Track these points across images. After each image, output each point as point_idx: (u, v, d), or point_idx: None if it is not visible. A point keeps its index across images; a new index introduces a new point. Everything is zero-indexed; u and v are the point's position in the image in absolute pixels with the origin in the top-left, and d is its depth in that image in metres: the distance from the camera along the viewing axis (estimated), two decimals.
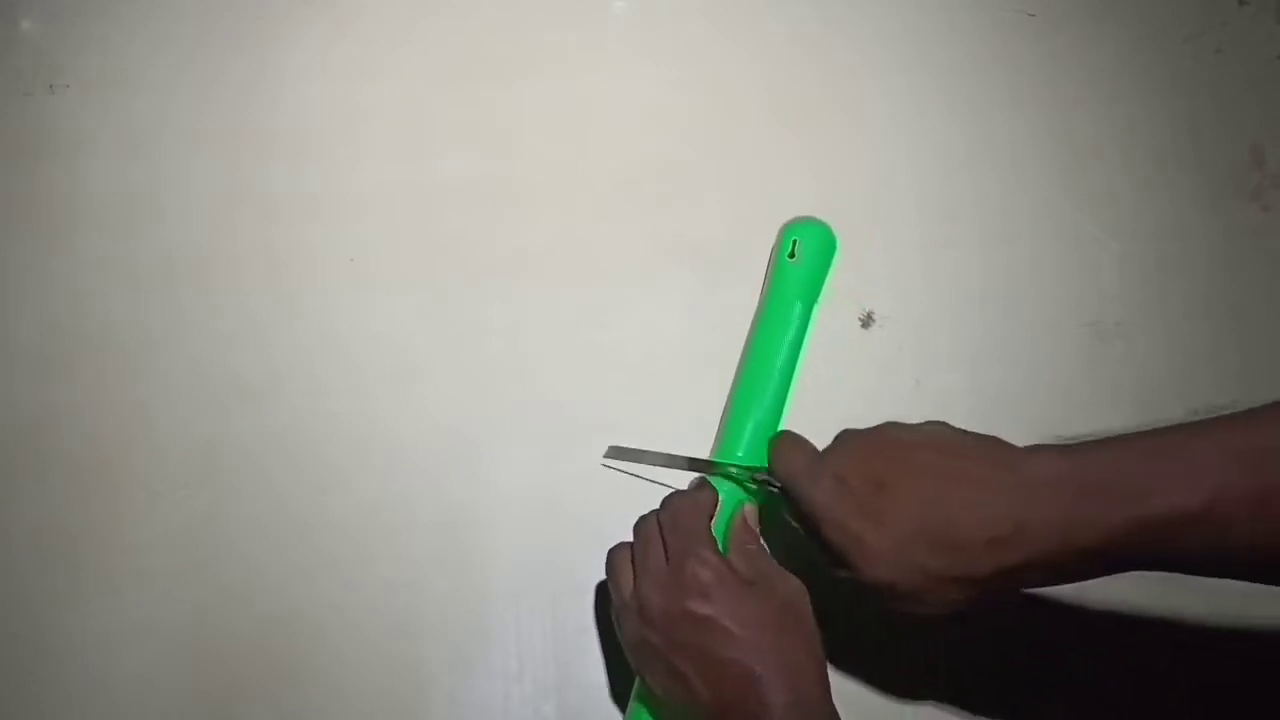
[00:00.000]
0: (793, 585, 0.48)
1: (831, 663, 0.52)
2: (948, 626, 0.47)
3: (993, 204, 0.62)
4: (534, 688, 0.54)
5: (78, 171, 0.62)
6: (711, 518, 0.50)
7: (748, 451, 0.55)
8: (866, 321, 0.60)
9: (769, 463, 0.51)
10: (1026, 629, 0.54)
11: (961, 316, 0.60)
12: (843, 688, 0.53)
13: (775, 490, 0.51)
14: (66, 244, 0.61)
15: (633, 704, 0.50)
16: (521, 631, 0.54)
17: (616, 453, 0.57)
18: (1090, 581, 0.45)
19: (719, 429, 0.57)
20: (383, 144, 0.63)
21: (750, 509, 0.53)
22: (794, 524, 0.50)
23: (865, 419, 0.52)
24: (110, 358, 0.59)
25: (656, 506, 0.51)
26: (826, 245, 0.60)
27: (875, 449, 0.47)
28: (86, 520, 0.56)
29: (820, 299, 0.59)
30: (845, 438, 0.49)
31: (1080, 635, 0.54)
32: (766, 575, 0.48)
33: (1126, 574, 0.43)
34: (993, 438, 0.46)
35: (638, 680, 0.50)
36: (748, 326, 0.59)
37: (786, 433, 0.51)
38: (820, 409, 0.56)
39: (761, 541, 0.51)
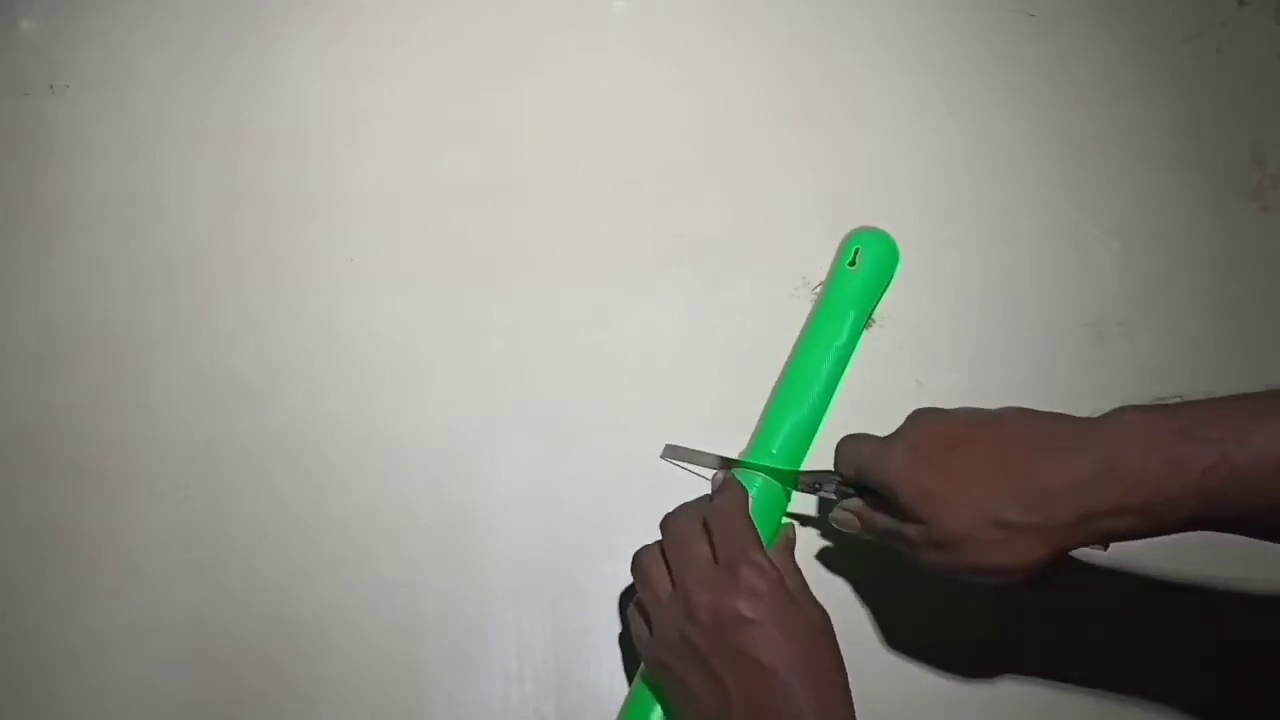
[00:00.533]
0: (822, 611, 0.48)
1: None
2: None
3: (993, 204, 0.62)
4: (534, 688, 0.53)
5: (77, 171, 0.62)
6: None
7: (781, 450, 0.55)
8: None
9: (835, 461, 0.51)
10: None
11: (961, 316, 0.60)
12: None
13: (831, 495, 0.51)
14: (65, 244, 0.61)
15: (639, 687, 0.50)
16: (521, 631, 0.54)
17: (673, 451, 0.57)
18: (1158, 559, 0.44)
19: (756, 426, 0.57)
20: (383, 144, 0.63)
21: (792, 532, 0.53)
22: (846, 530, 0.51)
23: (865, 419, 0.52)
24: (110, 358, 0.59)
25: (671, 508, 0.51)
26: (888, 257, 0.60)
27: (949, 419, 0.47)
28: (86, 520, 0.56)
29: (876, 309, 0.59)
30: (916, 414, 0.49)
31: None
32: (804, 593, 0.48)
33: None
34: (1071, 415, 0.45)
35: (644, 676, 0.49)
36: (748, 326, 0.59)
37: (853, 433, 0.51)
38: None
39: (796, 564, 0.51)
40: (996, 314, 0.60)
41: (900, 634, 0.54)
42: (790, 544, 0.52)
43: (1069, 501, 0.42)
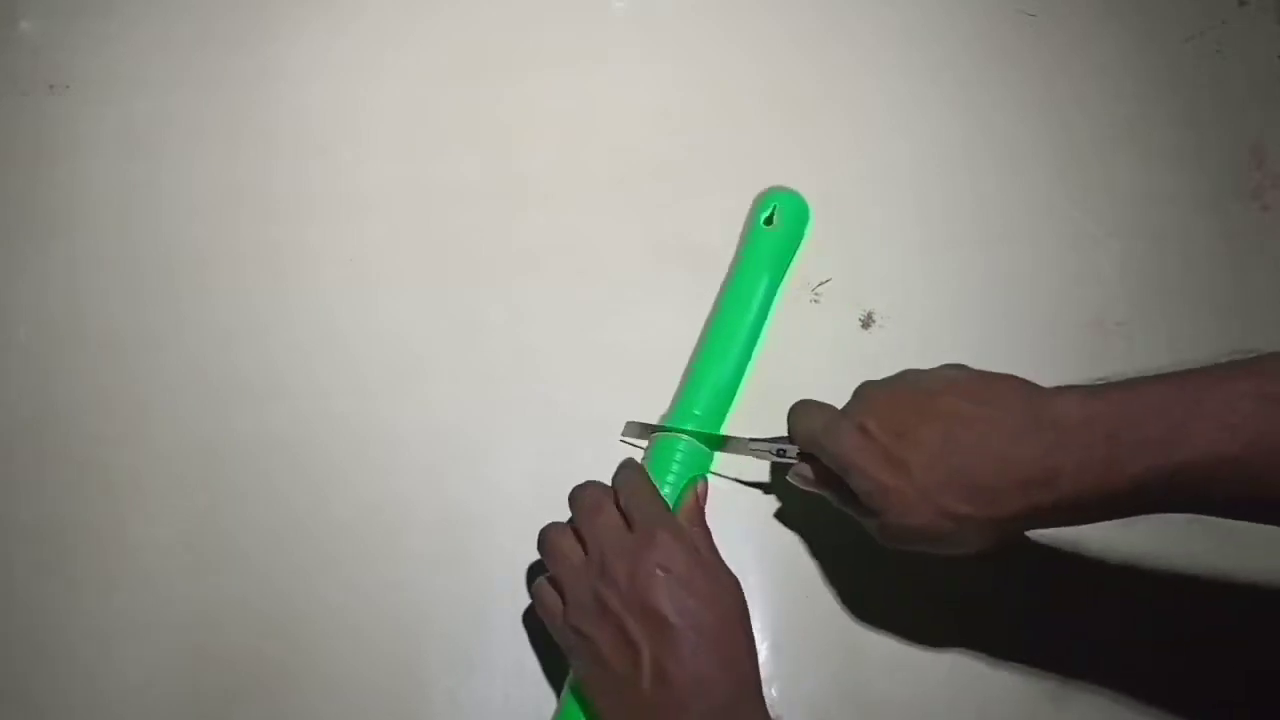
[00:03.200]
0: (734, 578, 0.48)
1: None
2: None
3: (993, 204, 0.62)
4: (534, 687, 0.53)
5: (78, 171, 0.62)
6: None
7: (704, 412, 0.56)
8: (866, 321, 0.60)
9: (788, 428, 0.52)
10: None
11: (961, 316, 0.60)
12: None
13: (789, 459, 0.52)
14: (66, 244, 0.61)
15: (565, 694, 0.50)
16: (521, 631, 0.54)
17: (633, 429, 0.57)
18: (1123, 525, 0.45)
19: (677, 388, 0.57)
20: (383, 144, 0.63)
21: (702, 487, 0.53)
22: (805, 488, 0.51)
23: None
24: (110, 358, 0.59)
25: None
26: (800, 217, 0.60)
27: (894, 398, 0.48)
28: (86, 520, 0.56)
29: (790, 267, 0.60)
30: (863, 390, 0.50)
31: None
32: (715, 561, 0.49)
33: (1156, 518, 0.44)
34: (1012, 376, 0.46)
35: (571, 686, 0.49)
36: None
37: (803, 400, 0.52)
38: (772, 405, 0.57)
39: (707, 525, 0.51)
40: (996, 314, 0.60)
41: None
42: (696, 502, 0.52)
43: (1014, 499, 0.43)
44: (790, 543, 0.55)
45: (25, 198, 0.61)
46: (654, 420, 0.57)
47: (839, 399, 0.57)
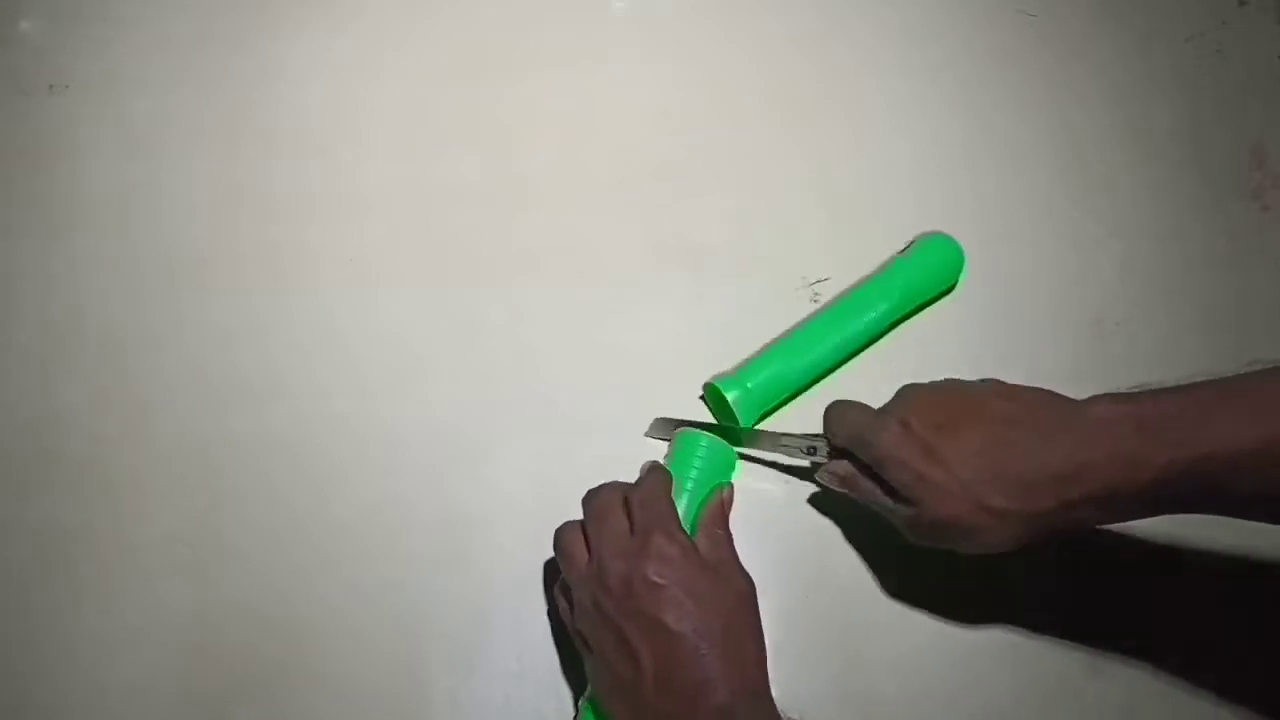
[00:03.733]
0: (746, 581, 0.49)
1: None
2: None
3: (993, 204, 0.62)
4: (534, 688, 0.53)
5: (78, 171, 0.62)
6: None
7: (754, 390, 0.56)
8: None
9: (825, 425, 0.53)
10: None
11: (962, 316, 0.60)
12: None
13: (819, 457, 0.53)
14: (66, 244, 0.61)
15: (584, 697, 0.50)
16: (521, 631, 0.54)
17: (659, 427, 0.57)
18: (1150, 523, 0.46)
19: (747, 359, 0.57)
20: (383, 144, 0.63)
21: (728, 493, 0.53)
22: (833, 487, 0.52)
23: None
24: (110, 358, 0.59)
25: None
26: (948, 259, 0.59)
27: (935, 397, 0.49)
28: (85, 520, 0.56)
29: (914, 307, 0.59)
30: (906, 390, 0.51)
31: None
32: (726, 563, 0.49)
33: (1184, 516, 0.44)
34: (1048, 390, 0.48)
35: (588, 698, 0.49)
36: (748, 325, 0.59)
37: (840, 399, 0.53)
38: (820, 410, 0.57)
39: (730, 529, 0.51)
40: (997, 314, 0.60)
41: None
42: (720, 505, 0.52)
43: (1047, 493, 0.45)
44: (790, 542, 0.55)
45: (25, 198, 0.61)
46: (694, 400, 0.58)
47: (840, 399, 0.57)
